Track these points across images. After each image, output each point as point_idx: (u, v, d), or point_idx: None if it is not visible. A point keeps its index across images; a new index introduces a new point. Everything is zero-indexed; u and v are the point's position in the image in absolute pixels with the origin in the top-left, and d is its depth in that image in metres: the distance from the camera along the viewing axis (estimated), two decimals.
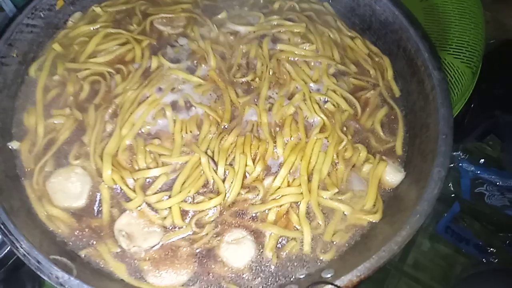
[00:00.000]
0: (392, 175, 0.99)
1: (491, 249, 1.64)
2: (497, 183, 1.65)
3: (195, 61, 1.12)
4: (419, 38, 1.11)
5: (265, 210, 0.93)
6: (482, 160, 1.69)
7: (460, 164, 1.69)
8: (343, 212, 0.94)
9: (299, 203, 0.93)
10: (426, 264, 1.72)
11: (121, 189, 0.93)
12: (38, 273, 0.77)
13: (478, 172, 1.69)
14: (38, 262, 0.77)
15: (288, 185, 0.94)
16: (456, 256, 1.72)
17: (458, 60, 1.46)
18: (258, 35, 1.18)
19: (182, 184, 0.93)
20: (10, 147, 0.97)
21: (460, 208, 1.71)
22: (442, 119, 0.98)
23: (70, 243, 0.89)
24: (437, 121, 0.99)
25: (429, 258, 1.70)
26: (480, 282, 1.63)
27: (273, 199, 0.93)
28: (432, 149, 0.96)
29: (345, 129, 1.05)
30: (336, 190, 0.93)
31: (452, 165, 1.69)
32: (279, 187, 0.94)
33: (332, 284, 0.75)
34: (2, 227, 0.80)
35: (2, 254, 1.10)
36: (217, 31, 1.17)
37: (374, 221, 0.94)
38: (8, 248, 1.13)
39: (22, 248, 0.78)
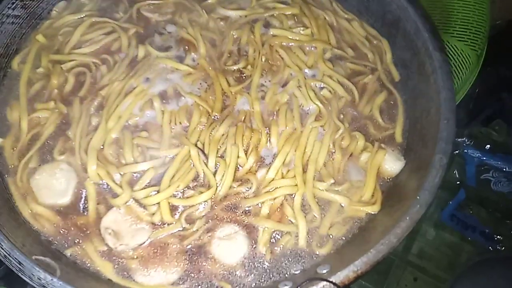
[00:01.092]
0: (392, 164, 0.95)
1: (498, 236, 1.60)
2: (504, 169, 1.60)
3: (184, 49, 1.08)
4: (418, 17, 1.06)
5: (258, 204, 0.89)
6: (488, 146, 1.65)
7: (465, 151, 1.65)
8: (340, 204, 0.90)
9: (293, 195, 0.89)
10: (431, 253, 1.68)
11: (108, 185, 0.90)
12: (20, 274, 0.74)
13: (484, 158, 1.64)
14: (20, 263, 0.74)
15: (282, 177, 0.91)
16: (462, 244, 1.69)
17: (462, 42, 1.41)
18: (250, 20, 1.13)
19: (171, 178, 0.90)
20: None
21: (466, 196, 1.67)
22: (443, 103, 0.94)
23: (55, 242, 0.86)
24: (439, 105, 0.94)
25: (434, 246, 1.67)
26: (487, 270, 1.59)
27: (267, 191, 0.89)
28: (434, 135, 0.92)
29: (342, 116, 1.01)
30: (332, 181, 0.90)
31: (457, 151, 1.64)
32: (272, 179, 0.90)
33: (327, 280, 0.72)
34: None
35: None
36: (207, 17, 1.13)
37: (372, 213, 0.90)
38: None
39: (2, 249, 0.75)
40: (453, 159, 1.59)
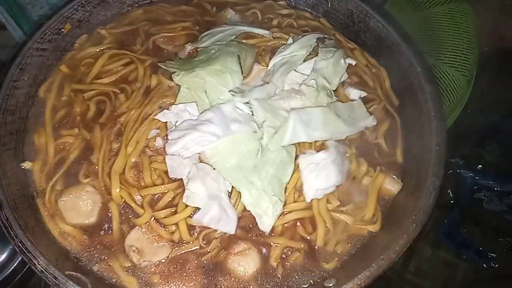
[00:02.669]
0: (390, 186, 1.05)
1: (492, 254, 1.67)
2: (495, 189, 1.68)
3: None
4: (411, 53, 1.18)
5: None
6: (480, 166, 1.73)
7: (458, 171, 1.73)
8: (346, 223, 1.00)
9: None
10: (428, 270, 1.75)
11: (130, 206, 0.99)
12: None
13: (477, 178, 1.72)
14: (55, 277, 0.83)
15: (294, 201, 1.00)
16: (457, 262, 1.76)
17: (453, 68, 1.52)
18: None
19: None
20: (23, 167, 1.02)
21: (460, 214, 1.75)
22: (435, 131, 1.05)
23: (83, 259, 0.94)
24: (431, 133, 1.05)
25: (430, 264, 1.74)
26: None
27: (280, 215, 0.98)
28: (427, 159, 1.02)
29: (347, 142, 1.10)
30: (338, 203, 0.99)
31: (450, 171, 1.73)
32: (285, 203, 0.99)
33: None
34: (20, 245, 0.85)
35: (9, 271, 1.15)
36: None
37: (373, 231, 1.00)
38: (15, 265, 1.18)
39: (39, 264, 0.84)
40: (446, 179, 1.68)
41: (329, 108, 1.08)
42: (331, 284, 0.87)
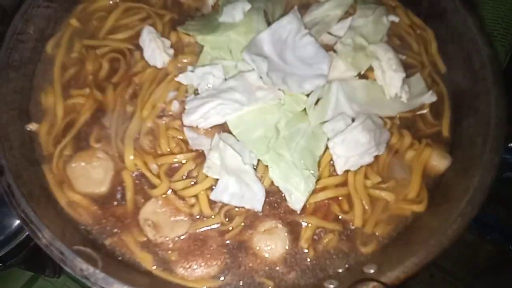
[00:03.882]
0: (438, 161, 0.93)
1: None
2: None
3: None
4: (466, 10, 1.03)
5: None
6: (511, 144, 1.62)
7: None
8: (386, 201, 0.89)
9: None
10: (449, 251, 1.67)
11: (145, 175, 0.89)
12: (61, 264, 0.73)
13: (507, 156, 1.61)
14: (61, 253, 0.74)
15: (330, 175, 0.89)
16: (480, 244, 1.67)
17: (492, 38, 1.38)
18: None
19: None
20: (28, 129, 0.93)
21: None
22: (494, 100, 0.91)
23: (93, 232, 0.86)
24: (488, 103, 0.92)
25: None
26: (506, 271, 1.58)
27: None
28: (483, 133, 0.90)
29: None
30: (379, 179, 0.88)
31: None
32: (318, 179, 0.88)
33: (377, 281, 0.70)
34: (22, 215, 0.76)
35: (24, 236, 1.09)
36: None
37: (418, 212, 0.88)
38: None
39: (44, 238, 0.75)
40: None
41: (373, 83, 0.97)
42: (371, 271, 0.76)
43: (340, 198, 0.89)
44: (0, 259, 1.09)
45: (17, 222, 1.08)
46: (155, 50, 1.00)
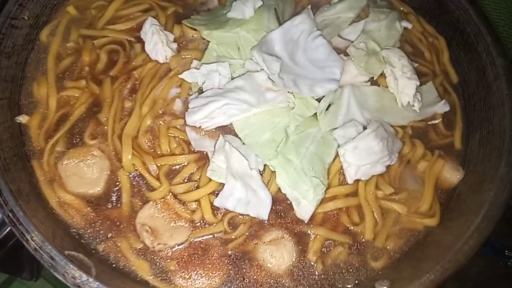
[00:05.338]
0: (450, 174, 0.91)
1: (509, 252, 1.58)
2: None
3: None
4: (480, 20, 1.02)
5: None
6: None
7: None
8: (397, 214, 0.86)
9: None
10: None
11: (143, 177, 0.85)
12: (52, 271, 0.68)
13: None
14: (52, 258, 0.69)
15: (340, 184, 0.86)
16: (471, 258, 1.67)
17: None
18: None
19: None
20: (18, 121, 0.88)
21: None
22: (509, 113, 0.90)
23: (86, 236, 0.81)
24: (503, 115, 0.91)
25: None
26: (497, 286, 1.57)
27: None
28: (498, 146, 0.88)
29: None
30: (391, 190, 0.85)
31: None
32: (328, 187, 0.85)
33: None
34: (10, 214, 0.71)
35: (2, 235, 1.02)
36: None
37: (430, 226, 0.85)
38: (8, 229, 1.05)
39: (33, 240, 0.69)
40: None
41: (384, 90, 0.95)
42: (384, 287, 0.73)
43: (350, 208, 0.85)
44: None
45: None
46: (158, 44, 0.95)
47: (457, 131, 0.98)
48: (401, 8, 1.14)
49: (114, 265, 0.78)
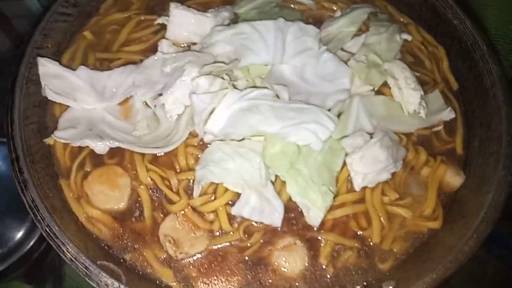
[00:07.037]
0: (452, 178, 0.99)
1: None
2: None
3: None
4: (476, 30, 1.10)
5: None
6: None
7: None
8: (403, 218, 0.94)
9: None
10: None
11: (162, 191, 0.93)
12: (87, 279, 0.77)
13: None
14: (86, 268, 0.78)
15: (347, 191, 0.94)
16: (488, 259, 1.70)
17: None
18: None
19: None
20: (46, 143, 0.97)
21: None
22: (505, 119, 0.97)
23: (114, 247, 0.89)
24: (500, 121, 0.98)
25: None
26: None
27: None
28: (496, 151, 0.95)
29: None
30: (396, 195, 0.93)
31: None
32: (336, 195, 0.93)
33: None
34: (47, 229, 0.80)
35: (27, 249, 1.10)
36: None
37: (434, 228, 0.93)
38: (32, 243, 1.13)
39: (68, 252, 0.79)
40: None
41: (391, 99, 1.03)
42: (390, 287, 0.81)
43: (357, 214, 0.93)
44: (2, 272, 1.09)
45: (20, 234, 1.09)
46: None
47: (458, 136, 1.06)
48: (401, 20, 1.22)
49: (141, 273, 0.87)
